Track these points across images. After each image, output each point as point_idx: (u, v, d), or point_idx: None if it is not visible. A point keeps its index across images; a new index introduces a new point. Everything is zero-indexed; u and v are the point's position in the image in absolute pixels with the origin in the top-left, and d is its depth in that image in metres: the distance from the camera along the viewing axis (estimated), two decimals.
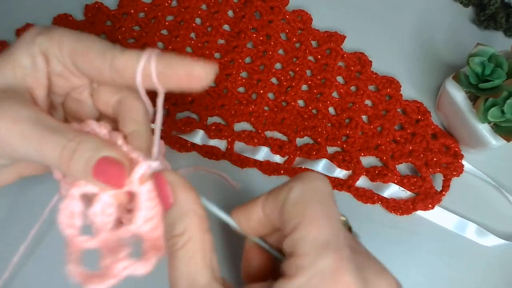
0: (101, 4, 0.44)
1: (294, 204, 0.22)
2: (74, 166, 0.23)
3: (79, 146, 0.23)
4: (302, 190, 0.22)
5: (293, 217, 0.21)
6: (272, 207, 0.23)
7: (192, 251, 0.22)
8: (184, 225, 0.22)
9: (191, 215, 0.23)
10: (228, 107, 0.41)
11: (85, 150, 0.23)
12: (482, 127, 0.36)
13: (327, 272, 0.20)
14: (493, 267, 0.38)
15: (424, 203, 0.38)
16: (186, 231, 0.22)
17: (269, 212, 0.23)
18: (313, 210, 0.21)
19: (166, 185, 0.23)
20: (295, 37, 0.43)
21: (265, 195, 0.24)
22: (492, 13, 0.44)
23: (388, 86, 0.42)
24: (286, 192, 0.22)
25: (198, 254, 0.22)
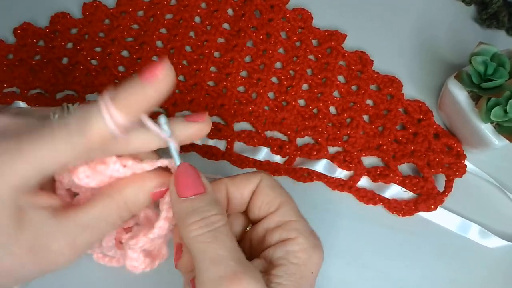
0: (99, 3, 0.43)
1: (271, 187, 0.27)
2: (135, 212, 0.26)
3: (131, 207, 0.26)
4: (271, 178, 0.27)
5: (276, 196, 0.26)
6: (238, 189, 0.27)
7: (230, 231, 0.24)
8: (221, 209, 0.25)
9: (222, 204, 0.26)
10: (228, 107, 0.40)
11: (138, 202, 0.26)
12: (485, 127, 0.36)
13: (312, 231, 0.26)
14: (496, 269, 0.38)
15: (426, 204, 0.38)
16: (223, 214, 0.25)
17: (234, 193, 0.27)
18: (285, 192, 0.27)
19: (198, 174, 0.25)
20: (295, 35, 0.43)
21: (230, 178, 0.27)
22: (494, 12, 0.43)
23: (389, 86, 0.41)
24: (258, 179, 0.27)
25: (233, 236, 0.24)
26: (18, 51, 0.41)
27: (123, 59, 0.42)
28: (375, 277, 0.37)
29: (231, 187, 0.27)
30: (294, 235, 0.25)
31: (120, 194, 0.25)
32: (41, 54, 0.42)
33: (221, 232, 0.24)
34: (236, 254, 0.23)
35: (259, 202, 0.27)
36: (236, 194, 0.27)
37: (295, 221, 0.26)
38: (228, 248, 0.23)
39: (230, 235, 0.24)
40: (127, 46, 0.42)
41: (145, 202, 0.26)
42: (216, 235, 0.23)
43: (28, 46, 0.42)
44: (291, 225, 0.26)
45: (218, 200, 0.25)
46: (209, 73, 0.41)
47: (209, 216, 0.24)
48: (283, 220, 0.26)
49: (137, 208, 0.26)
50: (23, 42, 0.42)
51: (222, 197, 0.27)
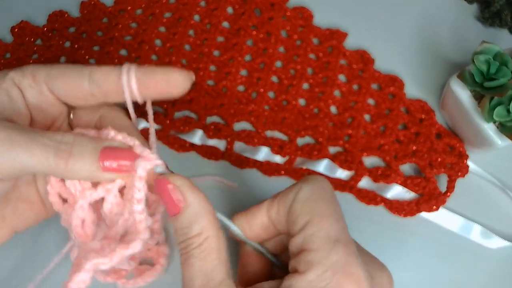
0: (97, 1, 0.43)
1: (303, 202, 0.23)
2: (75, 162, 0.22)
3: (75, 141, 0.23)
4: (310, 190, 0.23)
5: (303, 214, 0.23)
6: (279, 209, 0.24)
7: (209, 249, 0.23)
8: (201, 225, 0.23)
9: (207, 214, 0.23)
10: (228, 106, 0.40)
11: (84, 143, 0.23)
12: (488, 127, 0.35)
13: (339, 265, 0.21)
14: (498, 270, 0.37)
15: (428, 204, 0.37)
16: (203, 231, 0.23)
17: (275, 215, 0.24)
18: (323, 207, 0.23)
19: (175, 189, 0.23)
20: (296, 34, 0.43)
21: (270, 199, 0.25)
22: (497, 10, 0.43)
23: (391, 85, 0.41)
24: (295, 192, 0.23)
25: (214, 251, 0.23)
26: (15, 50, 0.41)
27: (122, 58, 0.41)
28: None
29: (271, 210, 0.24)
30: (303, 268, 0.21)
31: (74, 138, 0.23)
32: (39, 53, 0.41)
33: (192, 255, 0.22)
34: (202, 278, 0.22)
35: (290, 220, 0.23)
36: (278, 217, 0.24)
37: (312, 250, 0.21)
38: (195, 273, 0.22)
39: (204, 255, 0.22)
40: (125, 44, 0.42)
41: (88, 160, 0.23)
42: (187, 258, 0.23)
43: (26, 45, 0.41)
44: (305, 256, 0.22)
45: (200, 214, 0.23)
46: (209, 72, 0.41)
47: (187, 238, 0.23)
48: (301, 247, 0.22)
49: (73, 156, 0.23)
50: (21, 41, 0.41)
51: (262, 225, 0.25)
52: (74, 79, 0.26)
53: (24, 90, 0.26)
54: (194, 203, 0.23)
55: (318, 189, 0.23)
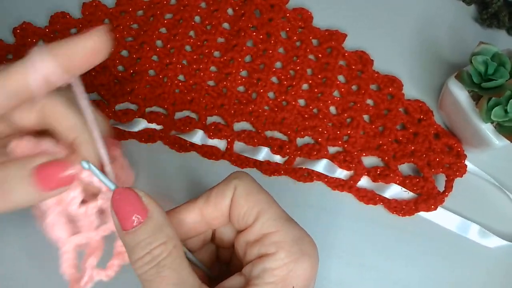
0: (98, 2, 0.43)
1: (246, 196, 0.24)
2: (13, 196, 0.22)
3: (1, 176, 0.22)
4: (246, 184, 0.24)
5: (251, 207, 0.24)
6: (216, 206, 0.25)
7: (179, 257, 0.22)
8: (166, 234, 0.22)
9: (168, 222, 0.23)
10: (228, 107, 0.40)
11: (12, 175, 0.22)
12: (485, 127, 0.36)
13: (299, 237, 0.23)
14: (496, 269, 0.38)
15: (427, 204, 0.38)
16: (169, 240, 0.22)
17: (210, 212, 0.25)
18: (264, 196, 0.24)
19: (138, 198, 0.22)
20: (295, 35, 0.43)
21: (203, 198, 0.25)
22: (495, 12, 0.43)
23: (390, 85, 0.41)
24: (232, 189, 0.24)
25: (184, 259, 0.23)
26: (17, 51, 0.41)
27: (123, 59, 0.42)
28: (375, 277, 0.37)
29: (206, 209, 0.25)
30: (272, 249, 0.23)
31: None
32: None
33: (164, 266, 0.22)
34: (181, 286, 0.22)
35: (236, 215, 0.24)
36: (214, 214, 0.25)
37: (274, 232, 0.23)
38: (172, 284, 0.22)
39: (176, 264, 0.22)
40: (126, 45, 0.42)
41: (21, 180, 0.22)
42: (157, 272, 0.22)
43: (28, 46, 0.42)
44: (270, 238, 0.23)
45: (163, 222, 0.22)
46: (209, 72, 0.41)
47: (152, 249, 0.22)
48: (262, 233, 0.23)
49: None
50: (23, 42, 0.42)
51: (198, 221, 0.25)
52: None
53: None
54: (157, 214, 0.22)
55: (251, 182, 0.25)
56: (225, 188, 0.25)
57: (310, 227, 0.26)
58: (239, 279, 0.24)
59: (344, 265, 0.37)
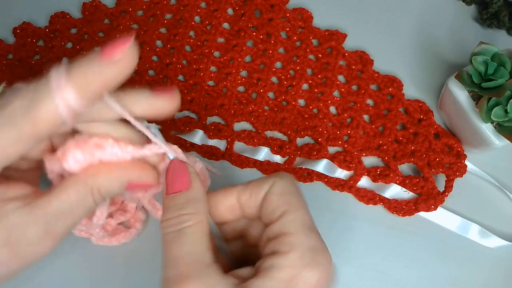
0: (98, 2, 0.43)
1: (279, 195, 0.25)
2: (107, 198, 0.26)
3: (104, 194, 0.25)
4: (284, 184, 0.25)
5: (280, 206, 0.25)
6: (251, 196, 0.26)
7: (201, 232, 0.24)
8: (198, 208, 0.24)
9: (204, 201, 0.25)
10: (228, 107, 0.40)
11: (111, 191, 0.25)
12: (485, 127, 0.36)
13: (316, 248, 0.24)
14: (496, 269, 0.38)
15: (427, 204, 0.38)
16: (198, 213, 0.24)
17: (245, 200, 0.26)
18: (296, 200, 0.25)
19: (187, 171, 0.25)
20: (295, 35, 0.43)
21: (242, 185, 0.26)
22: (495, 12, 0.43)
23: (390, 85, 0.41)
24: (269, 185, 0.25)
25: (205, 236, 0.24)
26: (17, 51, 0.41)
27: None
28: (375, 277, 0.37)
29: (243, 196, 0.26)
30: (285, 249, 0.23)
31: (94, 181, 0.24)
32: (41, 54, 0.42)
33: (185, 233, 0.23)
34: (193, 257, 0.23)
35: (265, 208, 0.25)
36: (248, 202, 0.26)
37: (293, 234, 0.24)
38: (186, 251, 0.23)
39: (196, 236, 0.23)
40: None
41: (119, 191, 0.25)
42: (179, 235, 0.23)
43: (28, 46, 0.42)
44: (287, 238, 0.24)
45: (199, 198, 0.25)
46: (209, 73, 0.41)
47: (180, 215, 0.24)
48: (282, 231, 0.24)
49: (110, 195, 0.25)
50: (23, 42, 0.42)
51: (233, 205, 0.26)
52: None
53: None
54: (197, 188, 0.25)
55: (290, 184, 0.26)
56: (263, 181, 0.26)
57: None
58: (250, 270, 0.24)
59: (344, 265, 0.37)
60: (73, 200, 0.24)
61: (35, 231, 0.23)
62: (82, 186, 0.24)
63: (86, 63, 0.21)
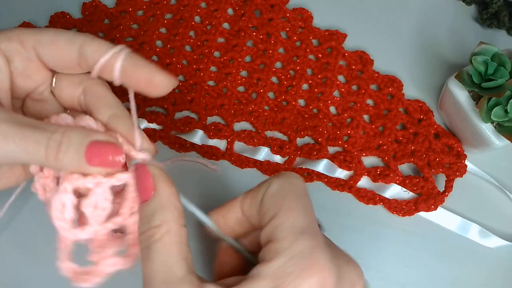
0: (98, 2, 0.43)
1: (272, 196, 0.23)
2: (63, 157, 0.23)
3: (64, 136, 0.23)
4: (279, 184, 0.24)
5: (272, 208, 0.23)
6: (251, 203, 0.25)
7: (170, 243, 0.22)
8: (163, 217, 0.23)
9: (171, 208, 0.23)
10: (228, 107, 0.40)
11: (72, 138, 0.23)
12: (485, 127, 0.36)
13: (304, 254, 0.21)
14: (496, 269, 0.38)
15: (427, 204, 0.38)
16: (164, 223, 0.22)
17: (248, 209, 0.25)
18: (290, 201, 0.23)
19: (149, 177, 0.23)
20: (295, 35, 0.43)
21: (243, 194, 0.25)
22: (495, 12, 0.43)
23: (390, 85, 0.41)
24: (265, 187, 0.24)
25: (175, 246, 0.22)
26: None
27: None
28: (375, 277, 0.37)
29: (245, 205, 0.25)
30: (269, 256, 0.22)
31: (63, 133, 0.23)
32: None
33: (153, 249, 0.22)
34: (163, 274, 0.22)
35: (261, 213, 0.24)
36: (250, 211, 0.25)
37: (279, 239, 0.22)
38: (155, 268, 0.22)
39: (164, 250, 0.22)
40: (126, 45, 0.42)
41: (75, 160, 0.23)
42: (148, 252, 0.22)
43: None
44: (272, 245, 0.22)
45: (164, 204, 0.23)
46: (209, 72, 0.41)
47: (149, 228, 0.22)
48: (268, 238, 0.23)
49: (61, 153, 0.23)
50: None
51: (236, 220, 0.25)
52: (64, 48, 0.25)
53: (11, 58, 0.25)
54: (162, 194, 0.23)
55: (287, 184, 0.24)
56: (262, 185, 0.25)
57: None
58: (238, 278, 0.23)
59: None
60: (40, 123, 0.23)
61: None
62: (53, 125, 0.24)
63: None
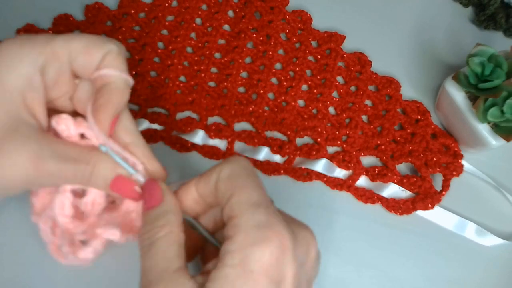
0: (101, 4, 0.44)
1: (226, 179, 0.25)
2: (93, 185, 0.28)
3: (95, 169, 0.27)
4: (231, 168, 0.26)
5: (228, 189, 0.25)
6: (205, 187, 0.27)
7: (171, 240, 0.25)
8: (168, 220, 0.26)
9: (175, 213, 0.27)
10: (228, 107, 0.41)
11: (101, 171, 0.27)
12: (482, 127, 0.36)
13: (262, 224, 0.23)
14: (493, 267, 0.38)
15: (424, 203, 0.38)
16: (168, 224, 0.26)
17: (202, 191, 0.27)
18: (242, 180, 0.25)
19: (159, 189, 0.27)
20: (295, 37, 0.43)
21: (197, 178, 0.27)
22: (491, 13, 0.44)
23: (388, 86, 0.42)
24: (217, 172, 0.26)
25: (175, 245, 0.25)
26: None
27: None
28: (373, 275, 0.37)
29: (199, 186, 0.27)
30: (232, 232, 0.24)
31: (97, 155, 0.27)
32: None
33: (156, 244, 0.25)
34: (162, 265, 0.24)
35: (218, 196, 0.26)
36: (205, 191, 0.27)
37: (237, 215, 0.24)
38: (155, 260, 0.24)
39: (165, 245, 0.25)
40: (128, 47, 0.42)
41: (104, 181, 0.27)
42: (150, 246, 0.25)
43: None
44: (232, 221, 0.24)
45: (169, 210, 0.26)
46: (210, 74, 0.42)
47: (153, 228, 0.25)
48: (228, 216, 0.24)
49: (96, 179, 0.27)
50: None
51: (193, 199, 0.27)
52: (95, 55, 0.27)
53: (44, 70, 0.27)
54: (168, 202, 0.27)
55: (237, 167, 0.26)
56: (213, 169, 0.27)
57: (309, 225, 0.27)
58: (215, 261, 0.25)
59: (342, 263, 0.38)
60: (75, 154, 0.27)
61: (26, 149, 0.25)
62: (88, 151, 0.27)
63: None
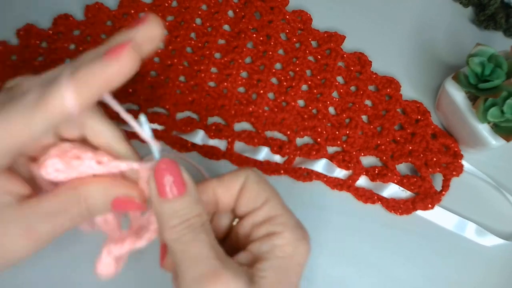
0: (101, 5, 0.44)
1: (258, 183, 0.27)
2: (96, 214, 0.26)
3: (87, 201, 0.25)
4: (258, 175, 0.27)
5: (261, 192, 0.27)
6: (225, 191, 0.27)
7: (209, 229, 0.25)
8: (202, 208, 0.25)
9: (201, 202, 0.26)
10: (228, 107, 0.41)
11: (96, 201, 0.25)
12: (482, 127, 0.36)
13: (299, 225, 0.26)
14: (493, 267, 0.38)
15: (424, 203, 0.38)
16: (203, 212, 0.25)
17: (221, 193, 0.27)
18: (271, 188, 0.27)
19: (180, 173, 0.25)
20: (295, 37, 0.43)
21: (215, 181, 0.27)
22: (491, 13, 0.44)
23: (388, 86, 0.42)
24: (245, 177, 0.27)
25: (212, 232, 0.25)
26: (21, 53, 0.42)
27: None
28: (374, 275, 0.38)
29: (219, 189, 0.27)
30: (280, 229, 0.25)
31: (84, 189, 0.25)
32: (44, 56, 0.42)
33: (201, 231, 0.24)
34: (216, 252, 0.24)
35: (246, 198, 0.27)
36: (224, 195, 0.27)
37: (281, 215, 0.26)
38: (208, 247, 0.24)
39: (209, 232, 0.24)
40: None
41: (103, 207, 0.26)
42: (195, 235, 0.24)
43: (31, 48, 0.42)
44: (277, 220, 0.26)
45: (199, 199, 0.25)
46: (210, 74, 0.42)
47: (190, 218, 0.24)
48: (269, 215, 0.26)
49: (95, 210, 0.25)
50: (26, 44, 0.42)
51: (210, 200, 0.27)
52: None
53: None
54: (193, 189, 0.25)
55: (260, 175, 0.28)
56: (238, 173, 0.27)
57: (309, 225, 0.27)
58: (246, 255, 0.25)
59: (342, 263, 0.38)
60: (62, 203, 0.24)
61: (17, 230, 0.23)
62: (73, 191, 0.24)
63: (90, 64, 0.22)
